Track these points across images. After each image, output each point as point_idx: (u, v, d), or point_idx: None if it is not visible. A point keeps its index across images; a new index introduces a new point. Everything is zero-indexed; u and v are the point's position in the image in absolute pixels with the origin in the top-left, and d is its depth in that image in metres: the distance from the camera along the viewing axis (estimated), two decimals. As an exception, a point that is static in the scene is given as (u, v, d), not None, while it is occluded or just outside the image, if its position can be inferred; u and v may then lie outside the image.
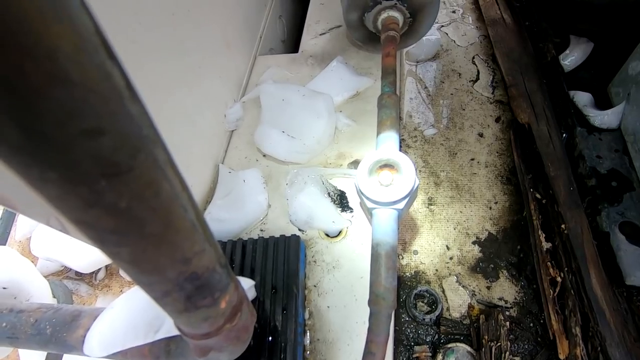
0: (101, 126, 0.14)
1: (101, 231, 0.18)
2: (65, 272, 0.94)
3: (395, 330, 0.72)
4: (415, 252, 0.80)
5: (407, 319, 0.72)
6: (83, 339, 0.46)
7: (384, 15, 0.69)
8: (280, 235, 0.56)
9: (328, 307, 0.55)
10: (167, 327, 0.40)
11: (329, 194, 0.63)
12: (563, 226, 0.69)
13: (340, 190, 0.65)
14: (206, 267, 0.26)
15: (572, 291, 0.64)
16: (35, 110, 0.12)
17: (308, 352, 0.52)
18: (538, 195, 0.76)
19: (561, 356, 0.60)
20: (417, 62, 1.11)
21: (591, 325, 0.60)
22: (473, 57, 1.08)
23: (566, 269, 0.66)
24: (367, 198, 0.49)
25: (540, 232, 0.72)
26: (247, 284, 0.46)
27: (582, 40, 0.94)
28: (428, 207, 0.85)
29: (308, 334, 0.53)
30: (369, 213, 0.51)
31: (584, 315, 0.62)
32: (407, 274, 0.78)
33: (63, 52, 0.12)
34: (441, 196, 0.86)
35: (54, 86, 0.12)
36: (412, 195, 0.49)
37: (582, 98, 0.85)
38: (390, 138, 0.55)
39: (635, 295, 0.65)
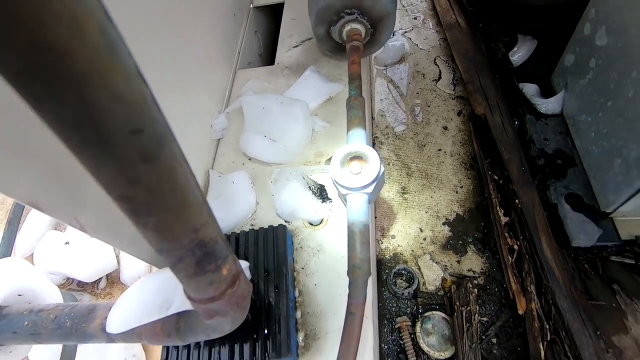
0: (141, 127, 0.22)
1: (137, 204, 0.26)
2: (67, 285, 0.99)
3: (378, 307, 0.80)
4: (393, 237, 0.89)
5: (389, 295, 0.81)
6: (101, 327, 0.53)
7: (347, 27, 0.78)
8: (269, 226, 0.64)
9: (315, 285, 0.62)
10: (177, 305, 0.47)
11: (309, 187, 0.71)
12: (517, 201, 0.79)
13: (320, 184, 0.73)
14: (210, 237, 0.33)
15: (527, 256, 0.73)
16: (106, 120, 0.20)
17: (299, 324, 0.59)
18: (496, 177, 0.86)
19: (520, 311, 0.69)
20: (386, 66, 1.22)
21: (544, 283, 0.70)
22: (435, 59, 1.19)
23: (521, 237, 0.76)
24: (341, 185, 0.57)
25: (498, 208, 0.81)
26: (243, 264, 0.53)
27: (528, 38, 1.05)
28: (402, 196, 0.94)
29: (299, 309, 0.60)
30: (344, 199, 0.59)
31: (538, 275, 0.71)
32: (387, 256, 0.86)
33: (120, 83, 0.20)
34: (413, 185, 0.95)
35: (116, 104, 0.20)
36: (379, 181, 0.58)
37: (529, 89, 0.96)
38: (359, 134, 0.63)
39: (581, 255, 0.75)
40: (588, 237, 0.74)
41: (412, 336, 0.74)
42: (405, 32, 1.29)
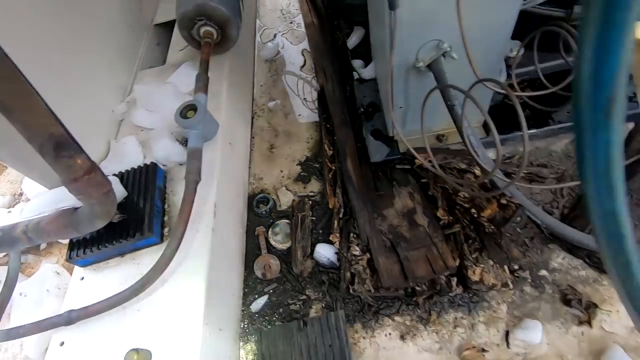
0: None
1: (5, 104, 0.55)
2: (15, 253, 1.23)
3: (247, 225, 1.10)
4: (261, 178, 1.19)
5: (254, 217, 1.11)
6: (22, 231, 0.80)
7: (202, 30, 1.10)
8: (144, 164, 0.93)
9: (178, 199, 0.92)
10: (67, 202, 0.75)
11: (177, 140, 1.01)
12: (335, 138, 1.12)
13: (186, 138, 1.03)
14: (60, 133, 0.62)
15: (338, 172, 1.06)
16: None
17: (166, 223, 0.88)
18: (328, 126, 1.19)
19: (330, 206, 1.01)
20: (266, 60, 1.55)
21: (346, 187, 1.02)
22: (302, 51, 1.53)
23: (337, 161, 1.08)
24: (183, 127, 0.88)
25: (327, 145, 1.14)
26: (113, 179, 0.82)
27: (359, 27, 1.41)
28: (270, 151, 1.25)
29: (167, 214, 0.89)
30: (187, 136, 0.90)
31: (343, 182, 1.03)
32: (256, 192, 1.16)
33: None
34: (279, 142, 1.27)
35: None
36: (205, 122, 0.89)
37: (357, 63, 1.30)
38: (200, 97, 0.94)
39: (378, 167, 1.07)
40: (380, 154, 1.07)
41: (266, 239, 1.04)
42: (283, 33, 1.64)
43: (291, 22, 1.67)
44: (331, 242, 0.96)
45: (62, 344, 0.77)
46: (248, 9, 1.69)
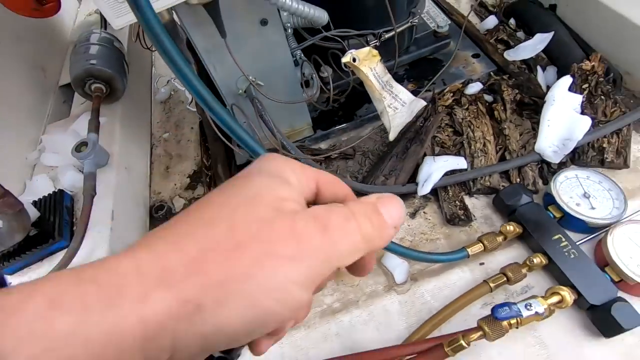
0: None
1: None
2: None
3: (149, 228, 1.41)
4: (160, 192, 1.52)
5: (155, 221, 1.42)
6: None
7: (92, 86, 1.44)
8: (53, 192, 1.22)
9: (84, 213, 1.22)
10: (-11, 223, 1.03)
11: (80, 171, 1.32)
12: (209, 152, 1.49)
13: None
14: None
15: (212, 175, 1.42)
16: None
17: (75, 231, 1.17)
18: (206, 144, 1.55)
19: (206, 201, 1.36)
20: (161, 102, 1.90)
21: (217, 184, 1.38)
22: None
23: (211, 168, 1.45)
24: (78, 159, 1.20)
25: (204, 158, 1.50)
26: (24, 200, 1.11)
27: (229, 68, 1.82)
28: (166, 171, 1.59)
29: (75, 226, 1.19)
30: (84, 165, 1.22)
31: (215, 182, 1.40)
32: (156, 203, 1.48)
33: None
34: (173, 163, 1.61)
35: None
36: (96, 153, 1.21)
37: (228, 95, 1.70)
38: (90, 135, 1.27)
39: (242, 165, 1.45)
40: (243, 158, 1.45)
41: (163, 234, 1.36)
42: (175, 79, 2.01)
43: (181, 69, 2.05)
44: (208, 225, 1.30)
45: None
46: (144, 62, 2.06)
